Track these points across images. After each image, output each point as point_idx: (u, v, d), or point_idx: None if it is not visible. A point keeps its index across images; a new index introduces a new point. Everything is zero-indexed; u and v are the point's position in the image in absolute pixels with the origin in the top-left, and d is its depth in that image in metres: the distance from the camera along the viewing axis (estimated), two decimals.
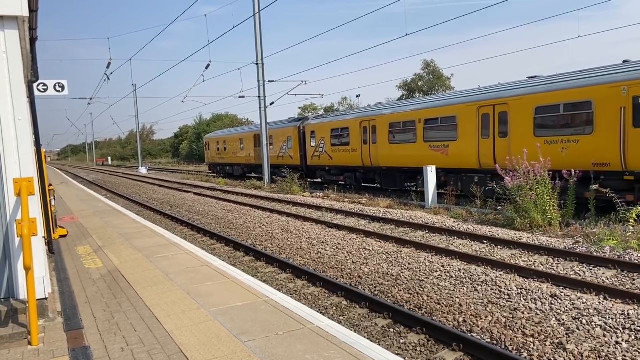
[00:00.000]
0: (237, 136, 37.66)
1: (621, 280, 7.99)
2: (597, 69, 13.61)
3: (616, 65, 13.25)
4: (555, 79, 14.52)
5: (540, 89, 14.52)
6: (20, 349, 4.73)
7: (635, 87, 11.90)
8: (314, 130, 26.50)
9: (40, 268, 5.17)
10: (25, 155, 5.17)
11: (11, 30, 5.06)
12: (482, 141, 16.16)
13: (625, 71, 12.51)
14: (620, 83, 12.26)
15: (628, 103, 12.01)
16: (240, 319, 5.24)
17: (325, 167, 25.67)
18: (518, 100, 14.94)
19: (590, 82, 13.14)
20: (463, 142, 16.89)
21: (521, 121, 14.78)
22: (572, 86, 13.60)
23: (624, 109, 12.07)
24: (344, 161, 23.94)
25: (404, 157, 19.79)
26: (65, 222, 13.19)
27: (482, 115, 16.15)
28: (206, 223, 16.32)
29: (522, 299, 7.23)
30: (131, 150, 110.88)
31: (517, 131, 14.93)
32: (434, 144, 18.18)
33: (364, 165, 22.48)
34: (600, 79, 12.90)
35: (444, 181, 17.73)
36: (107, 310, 5.74)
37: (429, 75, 53.26)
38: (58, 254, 9.11)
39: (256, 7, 26.85)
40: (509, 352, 5.55)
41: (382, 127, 21.08)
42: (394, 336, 6.34)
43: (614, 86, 12.37)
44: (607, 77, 12.81)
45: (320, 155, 25.78)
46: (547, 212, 11.69)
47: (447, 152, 17.59)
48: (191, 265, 7.86)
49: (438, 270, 8.94)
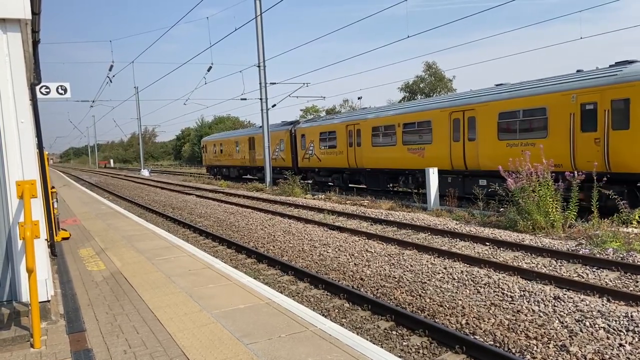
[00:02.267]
0: (232, 139, 38.79)
1: (624, 282, 7.96)
2: (552, 78, 14.66)
3: (569, 75, 14.29)
4: (517, 87, 15.66)
5: (503, 96, 15.73)
6: (23, 351, 4.73)
7: (583, 95, 13.05)
8: (304, 134, 27.57)
9: (42, 270, 5.18)
10: (27, 158, 5.18)
11: (14, 33, 5.07)
12: (453, 144, 17.33)
13: (574, 80, 13.62)
14: (570, 91, 13.42)
15: (577, 110, 13.19)
16: (243, 322, 5.23)
17: (314, 169, 26.64)
18: (484, 107, 16.08)
19: (544, 90, 14.32)
20: (437, 145, 18.04)
21: (487, 126, 15.91)
22: (529, 94, 14.79)
23: (573, 115, 13.26)
24: (332, 163, 25.03)
25: (385, 159, 20.93)
26: (67, 224, 13.20)
27: (453, 120, 17.31)
28: (208, 225, 16.32)
29: (525, 301, 7.20)
30: (133, 153, 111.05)
31: (483, 135, 16.06)
32: (412, 146, 19.36)
33: (350, 166, 23.57)
34: (553, 88, 14.07)
35: (422, 182, 18.57)
36: (109, 313, 5.74)
37: (431, 77, 53.21)
38: (60, 256, 9.12)
39: (258, 9, 26.90)
40: (512, 355, 5.54)
41: (365, 131, 22.22)
42: (397, 338, 6.33)
43: (564, 94, 13.53)
44: (559, 85, 13.97)
45: (310, 158, 26.86)
46: (550, 214, 11.66)
47: (423, 154, 18.75)
48: (193, 267, 7.86)
49: (440, 272, 8.93)
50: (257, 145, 33.38)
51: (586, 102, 12.99)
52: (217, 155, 42.00)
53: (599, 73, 13.34)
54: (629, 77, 12.29)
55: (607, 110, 12.52)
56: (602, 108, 12.63)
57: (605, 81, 12.78)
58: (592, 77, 13.35)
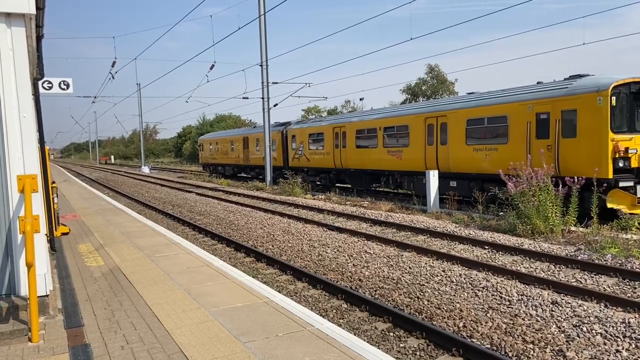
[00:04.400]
0: (228, 138, 39.95)
1: (622, 289, 7.96)
2: (513, 89, 15.93)
3: (528, 86, 15.49)
4: (485, 96, 16.93)
5: (471, 104, 17.00)
6: (21, 345, 4.74)
7: (537, 105, 14.24)
8: (295, 135, 28.69)
9: (41, 265, 5.19)
10: (29, 152, 5.19)
11: (18, 28, 5.09)
12: (428, 147, 18.45)
13: (531, 92, 14.84)
14: (527, 102, 14.63)
15: (532, 118, 14.36)
16: (240, 320, 5.24)
17: (304, 168, 27.51)
18: (454, 114, 17.27)
19: (506, 100, 15.58)
20: (413, 148, 19.20)
21: (457, 131, 17.05)
22: (493, 103, 16.03)
23: (529, 124, 14.44)
24: (320, 163, 26.14)
25: (368, 161, 22.09)
26: (67, 219, 13.22)
27: (428, 125, 18.47)
28: (207, 223, 16.33)
29: (522, 305, 7.21)
30: (134, 150, 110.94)
31: (453, 140, 17.19)
32: (391, 149, 20.49)
33: (336, 167, 24.73)
34: (514, 98, 15.34)
35: (400, 182, 20.28)
36: (107, 309, 5.75)
37: (433, 79, 53.18)
38: (59, 251, 9.13)
39: (261, 9, 26.91)
40: (509, 359, 5.54)
41: (350, 134, 23.38)
42: (394, 340, 6.33)
43: (522, 104, 14.74)
44: (518, 96, 15.23)
45: (300, 158, 27.99)
46: (549, 219, 11.67)
47: (401, 156, 19.89)
48: (192, 265, 7.87)
49: (439, 274, 8.93)
50: (251, 144, 34.38)
51: (540, 112, 14.13)
52: (213, 154, 43.09)
53: (552, 86, 14.44)
54: (577, 90, 13.36)
55: (558, 120, 13.63)
56: (554, 118, 13.74)
57: (557, 93, 13.91)
58: (546, 89, 14.47)
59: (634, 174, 12.73)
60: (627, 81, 12.93)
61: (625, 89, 12.88)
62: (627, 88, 12.92)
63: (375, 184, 22.63)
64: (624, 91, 12.88)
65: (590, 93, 12.97)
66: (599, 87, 12.88)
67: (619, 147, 12.48)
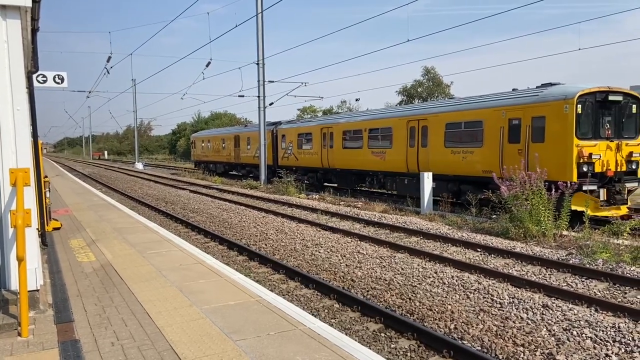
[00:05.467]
0: (219, 136, 40.67)
1: (613, 293, 8.01)
2: (489, 95, 16.71)
3: (503, 93, 16.24)
4: (463, 101, 17.79)
5: (450, 108, 17.81)
6: (10, 339, 4.70)
7: (510, 112, 14.93)
8: (285, 134, 29.19)
9: (32, 259, 5.15)
10: (22, 146, 5.16)
11: (13, 20, 5.05)
12: (409, 149, 19.07)
13: (505, 98, 15.62)
14: (501, 107, 15.31)
15: (505, 124, 15.03)
16: (232, 318, 5.23)
17: (292, 167, 27.86)
18: (435, 117, 17.97)
19: (482, 105, 16.28)
20: (396, 149, 19.81)
21: (436, 134, 17.71)
22: (470, 108, 16.78)
23: (502, 128, 15.08)
24: (308, 163, 26.70)
25: (353, 161, 22.69)
26: (59, 214, 13.14)
27: (410, 128, 19.10)
28: (201, 221, 16.28)
29: (513, 308, 7.24)
30: (128, 146, 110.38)
31: (433, 142, 17.88)
32: (375, 150, 21.09)
33: (323, 166, 25.28)
34: (489, 104, 16.03)
35: (383, 182, 20.90)
36: (98, 305, 5.72)
37: (429, 82, 53.30)
38: (51, 246, 9.08)
39: (259, 7, 26.87)
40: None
41: (337, 134, 23.96)
42: (385, 340, 6.34)
43: (496, 110, 15.41)
44: (493, 102, 15.92)
45: (289, 157, 28.56)
46: (542, 223, 11.72)
47: (384, 157, 20.49)
48: (184, 262, 7.84)
49: (431, 276, 8.95)
50: (242, 143, 34.96)
51: (513, 118, 14.81)
52: (205, 152, 43.62)
53: (524, 93, 15.16)
54: (546, 98, 14.04)
55: (528, 125, 14.30)
56: (525, 123, 14.40)
57: (528, 100, 14.60)
58: (519, 96, 15.18)
59: (598, 178, 13.28)
60: (592, 90, 13.50)
61: (590, 98, 13.49)
62: (593, 97, 13.53)
63: (361, 184, 23.20)
64: (590, 100, 13.48)
65: (558, 101, 13.59)
66: (566, 95, 13.47)
67: (583, 152, 13.06)
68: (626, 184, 13.67)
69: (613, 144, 13.56)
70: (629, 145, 13.83)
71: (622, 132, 14.00)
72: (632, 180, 13.94)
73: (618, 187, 13.45)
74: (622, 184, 13.59)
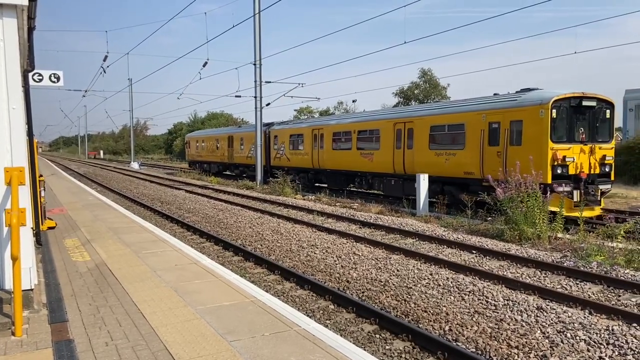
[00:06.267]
0: (213, 137, 41.27)
1: (607, 296, 8.05)
2: (472, 99, 17.30)
3: (485, 97, 16.82)
4: (447, 104, 18.58)
5: (434, 112, 18.49)
6: (3, 339, 4.68)
7: (490, 115, 15.50)
8: (277, 135, 29.71)
9: (27, 259, 5.13)
10: (17, 145, 5.14)
11: (10, 19, 5.04)
12: (396, 151, 19.64)
13: (486, 103, 16.21)
14: (482, 111, 15.87)
15: (486, 127, 15.56)
16: (227, 319, 5.22)
17: (284, 168, 28.18)
18: (420, 120, 18.56)
19: (464, 109, 16.85)
20: (383, 151, 20.37)
21: (422, 137, 18.29)
22: (453, 111, 17.40)
23: (483, 131, 15.61)
24: (299, 163, 27.26)
25: (343, 162, 23.27)
26: (54, 213, 13.08)
27: (396, 130, 19.63)
28: (196, 221, 16.26)
29: (508, 310, 7.26)
30: (124, 145, 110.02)
31: (419, 144, 18.44)
32: (364, 151, 21.66)
33: (314, 167, 25.83)
34: (470, 108, 16.61)
35: (371, 183, 21.47)
36: (92, 304, 5.70)
37: (426, 84, 53.37)
38: (45, 245, 9.04)
39: (256, 7, 26.87)
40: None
41: (327, 136, 24.51)
42: (380, 342, 6.35)
43: (477, 114, 15.97)
44: (474, 106, 16.50)
45: (281, 157, 29.13)
46: (537, 225, 11.76)
47: (372, 158, 21.04)
48: (180, 262, 7.83)
49: (426, 278, 8.96)
50: (235, 143, 35.50)
51: (493, 121, 15.38)
52: (200, 152, 43.98)
53: (504, 98, 15.77)
54: (523, 103, 14.64)
55: (507, 129, 14.87)
56: (504, 127, 14.99)
57: (506, 105, 15.22)
58: (498, 101, 15.80)
59: (572, 180, 13.83)
60: (567, 96, 14.02)
61: (565, 103, 14.02)
62: (567, 102, 14.05)
63: (350, 184, 23.70)
64: (564, 105, 14.02)
65: (534, 106, 14.16)
66: (542, 100, 14.02)
67: (557, 155, 13.66)
68: (599, 186, 14.15)
69: (587, 147, 14.06)
70: (603, 149, 14.36)
71: (596, 136, 14.50)
72: (606, 182, 14.48)
73: (591, 188, 13.89)
74: (596, 186, 14.05)
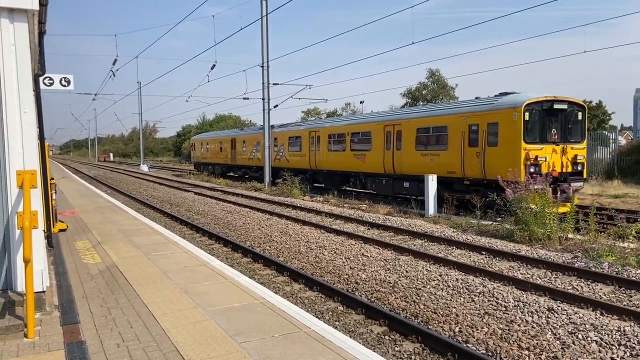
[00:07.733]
0: (217, 139, 42.31)
1: (618, 297, 7.98)
2: (455, 102, 18.44)
3: (467, 101, 17.88)
4: (433, 107, 19.77)
5: (421, 114, 19.52)
6: (16, 341, 4.73)
7: (470, 118, 16.38)
8: (277, 137, 30.41)
9: (39, 261, 5.18)
10: (29, 148, 5.19)
11: (21, 23, 5.09)
12: (386, 152, 20.51)
13: (467, 106, 17.22)
14: (462, 114, 16.77)
15: (466, 129, 16.44)
16: (237, 320, 5.24)
17: (284, 169, 28.83)
18: (407, 123, 19.53)
19: (447, 112, 17.93)
20: (374, 152, 21.29)
21: (409, 138, 19.21)
22: (437, 114, 18.39)
23: (464, 134, 16.49)
24: (297, 164, 28.14)
25: (338, 163, 24.28)
26: (65, 216, 13.20)
27: (386, 132, 20.55)
28: (205, 223, 16.32)
29: (518, 311, 7.22)
30: (133, 148, 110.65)
31: (406, 146, 19.36)
32: (357, 152, 22.63)
33: (311, 168, 26.78)
34: (453, 111, 17.64)
35: (364, 182, 22.38)
36: (104, 306, 5.75)
37: (434, 84, 53.18)
38: (57, 247, 9.12)
39: (264, 10, 26.94)
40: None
41: (323, 138, 25.51)
42: (389, 343, 6.34)
43: (459, 116, 16.87)
44: (456, 109, 17.50)
45: (281, 159, 29.99)
46: (547, 225, 11.68)
47: (364, 159, 21.98)
48: (189, 264, 7.86)
49: (435, 279, 8.94)
50: (238, 145, 36.41)
51: (472, 124, 16.21)
52: (204, 154, 44.79)
53: (483, 101, 16.61)
54: (499, 106, 15.52)
55: (485, 131, 15.70)
56: (482, 129, 15.80)
57: (484, 108, 16.07)
58: (478, 104, 16.66)
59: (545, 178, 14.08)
60: (539, 99, 14.88)
61: (537, 107, 14.86)
62: (540, 105, 14.89)
63: (345, 184, 24.51)
64: (536, 108, 14.85)
65: (508, 109, 15.03)
66: (515, 104, 14.88)
67: (530, 155, 14.47)
68: (572, 184, 14.83)
69: (559, 147, 14.90)
70: (575, 149, 15.22)
71: (568, 136, 15.35)
72: (578, 180, 15.27)
73: (563, 186, 14.35)
74: (568, 184, 14.62)
